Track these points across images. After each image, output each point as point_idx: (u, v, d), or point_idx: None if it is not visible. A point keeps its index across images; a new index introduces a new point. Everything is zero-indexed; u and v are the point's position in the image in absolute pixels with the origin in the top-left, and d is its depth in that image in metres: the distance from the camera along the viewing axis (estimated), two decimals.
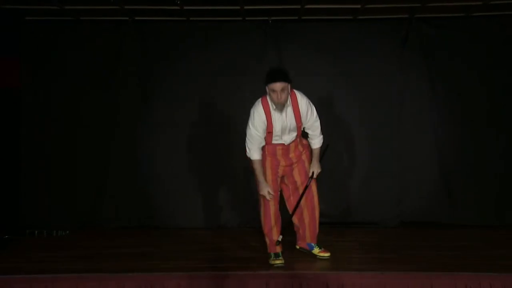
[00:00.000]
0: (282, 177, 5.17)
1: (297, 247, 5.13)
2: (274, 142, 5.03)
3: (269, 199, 4.96)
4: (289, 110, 4.99)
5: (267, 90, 4.92)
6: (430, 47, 7.00)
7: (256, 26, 7.04)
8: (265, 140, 5.02)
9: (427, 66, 7.02)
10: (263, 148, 5.05)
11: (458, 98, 7.00)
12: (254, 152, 4.99)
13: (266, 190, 4.95)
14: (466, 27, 6.99)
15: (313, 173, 5.18)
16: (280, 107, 4.90)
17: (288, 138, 5.03)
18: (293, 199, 5.20)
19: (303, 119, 5.04)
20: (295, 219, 5.22)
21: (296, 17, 7.03)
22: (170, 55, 7.04)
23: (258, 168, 5.00)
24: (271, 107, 4.95)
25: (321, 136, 5.21)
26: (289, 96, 4.98)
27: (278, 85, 4.83)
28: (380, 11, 6.81)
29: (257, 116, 4.96)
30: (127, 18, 7.01)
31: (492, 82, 6.96)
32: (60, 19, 6.99)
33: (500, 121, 6.96)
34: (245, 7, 6.65)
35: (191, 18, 7.01)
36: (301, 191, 5.12)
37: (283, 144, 5.05)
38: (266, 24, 7.01)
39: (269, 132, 4.95)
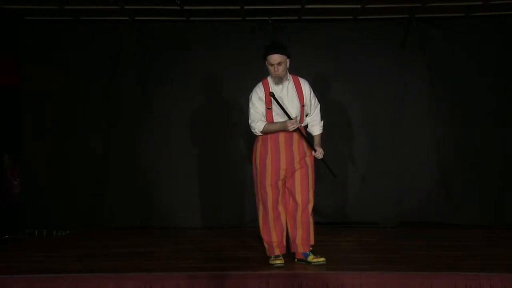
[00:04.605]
0: (284, 179, 5.06)
1: (296, 259, 5.10)
2: (276, 122, 4.91)
3: (296, 124, 4.78)
4: (290, 86, 4.95)
5: (266, 65, 4.89)
6: (430, 47, 7.01)
7: (256, 26, 7.05)
8: (267, 120, 4.93)
9: (427, 66, 7.02)
10: (264, 139, 4.99)
11: (458, 98, 7.01)
12: (257, 124, 4.88)
13: (293, 121, 4.75)
14: (466, 27, 7.00)
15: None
16: (278, 80, 4.86)
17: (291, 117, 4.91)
18: (291, 207, 5.09)
19: (306, 100, 4.97)
20: (288, 227, 5.11)
21: (296, 17, 7.04)
22: (170, 55, 7.05)
23: (270, 127, 4.85)
24: (270, 82, 4.92)
25: (322, 122, 5.16)
26: (290, 75, 4.96)
27: (274, 57, 4.81)
28: (380, 11, 6.81)
29: (255, 93, 4.94)
30: (127, 18, 7.01)
31: (492, 82, 6.96)
32: (60, 19, 7.00)
33: (500, 121, 6.96)
34: (245, 7, 6.66)
35: (191, 18, 7.02)
36: (299, 210, 5.02)
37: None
38: (266, 24, 7.02)
39: (268, 108, 4.90)
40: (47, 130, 7.04)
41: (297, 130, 4.89)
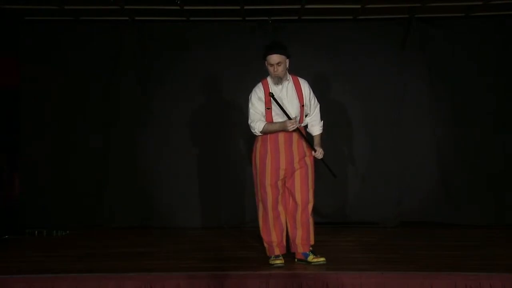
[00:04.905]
0: (284, 179, 5.05)
1: (296, 259, 5.09)
2: (275, 122, 4.91)
3: (295, 124, 4.78)
4: (289, 86, 4.94)
5: (266, 65, 4.89)
6: (430, 47, 7.01)
7: (256, 26, 7.05)
8: (266, 120, 4.93)
9: (427, 66, 7.02)
10: (264, 139, 4.99)
11: (458, 98, 7.01)
12: (256, 124, 4.87)
13: (292, 121, 4.75)
14: (466, 27, 7.00)
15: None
16: (277, 80, 4.86)
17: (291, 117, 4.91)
18: (291, 207, 5.08)
19: (306, 100, 4.96)
20: (288, 227, 5.11)
21: (296, 17, 7.04)
22: (170, 55, 7.05)
23: (270, 127, 4.85)
24: (270, 82, 4.92)
25: (322, 122, 5.15)
26: (290, 76, 4.95)
27: (273, 57, 4.80)
28: (380, 11, 6.81)
29: (254, 93, 4.93)
30: (127, 18, 7.01)
31: (492, 82, 6.96)
32: (60, 19, 7.00)
33: (500, 121, 6.96)
34: (245, 7, 6.66)
35: (191, 18, 7.02)
36: (299, 210, 5.01)
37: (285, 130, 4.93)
38: (266, 24, 7.02)
39: (268, 108, 4.90)
40: (47, 130, 7.04)
41: (297, 130, 4.89)
